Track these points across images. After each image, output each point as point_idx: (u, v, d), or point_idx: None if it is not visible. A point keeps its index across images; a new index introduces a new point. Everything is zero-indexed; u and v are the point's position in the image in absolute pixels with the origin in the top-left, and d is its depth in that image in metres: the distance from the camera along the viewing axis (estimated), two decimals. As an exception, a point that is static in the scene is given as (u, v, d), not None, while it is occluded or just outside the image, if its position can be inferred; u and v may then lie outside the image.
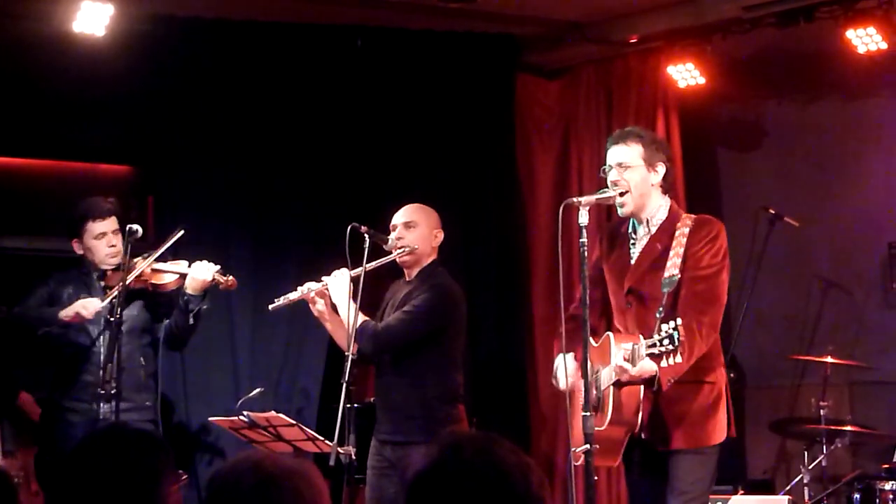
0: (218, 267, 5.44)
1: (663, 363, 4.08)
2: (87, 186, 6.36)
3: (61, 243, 5.93)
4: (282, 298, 5.14)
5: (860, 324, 6.96)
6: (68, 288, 5.41)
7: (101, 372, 5.33)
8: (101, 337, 5.42)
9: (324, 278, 5.03)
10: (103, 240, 5.41)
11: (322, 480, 2.28)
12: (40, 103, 6.14)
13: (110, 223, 5.44)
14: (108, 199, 5.64)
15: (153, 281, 5.42)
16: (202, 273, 5.38)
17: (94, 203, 5.54)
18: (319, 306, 5.06)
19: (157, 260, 5.39)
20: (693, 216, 4.48)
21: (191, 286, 5.40)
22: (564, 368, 4.42)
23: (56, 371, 5.51)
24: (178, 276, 5.43)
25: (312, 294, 5.03)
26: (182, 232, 5.45)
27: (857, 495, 5.89)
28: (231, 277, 5.47)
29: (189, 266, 5.46)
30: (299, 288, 5.07)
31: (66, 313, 5.24)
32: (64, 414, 5.40)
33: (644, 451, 4.45)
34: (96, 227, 5.41)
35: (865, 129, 7.07)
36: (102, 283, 5.41)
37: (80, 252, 5.45)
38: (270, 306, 5.24)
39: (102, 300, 5.33)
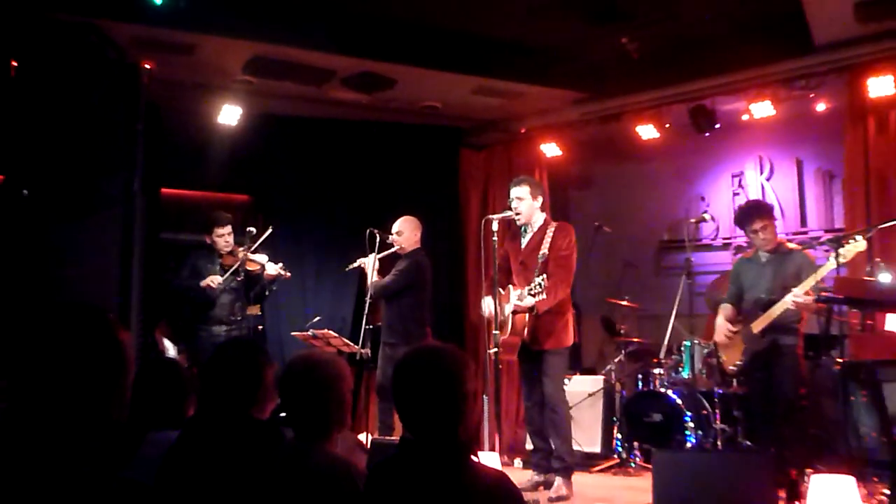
0: (281, 264, 6.26)
1: (538, 298, 4.91)
2: (226, 207, 7.19)
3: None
4: (349, 267, 6.25)
5: (642, 284, 8.26)
6: (202, 261, 6.25)
7: (228, 309, 6.20)
8: (222, 291, 6.19)
9: (371, 254, 6.02)
10: (222, 238, 6.34)
11: (347, 368, 2.64)
12: (204, 159, 7.23)
13: (227, 228, 6.35)
14: (226, 214, 6.47)
15: (247, 267, 6.24)
16: (273, 269, 6.26)
17: (218, 215, 6.43)
18: (366, 270, 6.12)
19: (252, 252, 6.22)
20: (556, 223, 5.32)
21: (266, 276, 6.27)
22: (487, 305, 5.18)
23: (192, 310, 6.29)
24: (259, 265, 6.30)
25: (362, 265, 6.19)
26: (270, 230, 6.20)
27: (640, 376, 7.31)
28: (288, 273, 6.25)
29: (268, 261, 6.27)
30: (357, 261, 6.20)
31: (204, 282, 6.10)
32: (197, 332, 6.24)
33: (528, 352, 5.28)
34: (219, 229, 6.34)
35: (648, 179, 8.50)
36: (220, 262, 6.29)
37: (209, 242, 6.33)
38: (346, 269, 6.32)
39: (222, 275, 6.15)
